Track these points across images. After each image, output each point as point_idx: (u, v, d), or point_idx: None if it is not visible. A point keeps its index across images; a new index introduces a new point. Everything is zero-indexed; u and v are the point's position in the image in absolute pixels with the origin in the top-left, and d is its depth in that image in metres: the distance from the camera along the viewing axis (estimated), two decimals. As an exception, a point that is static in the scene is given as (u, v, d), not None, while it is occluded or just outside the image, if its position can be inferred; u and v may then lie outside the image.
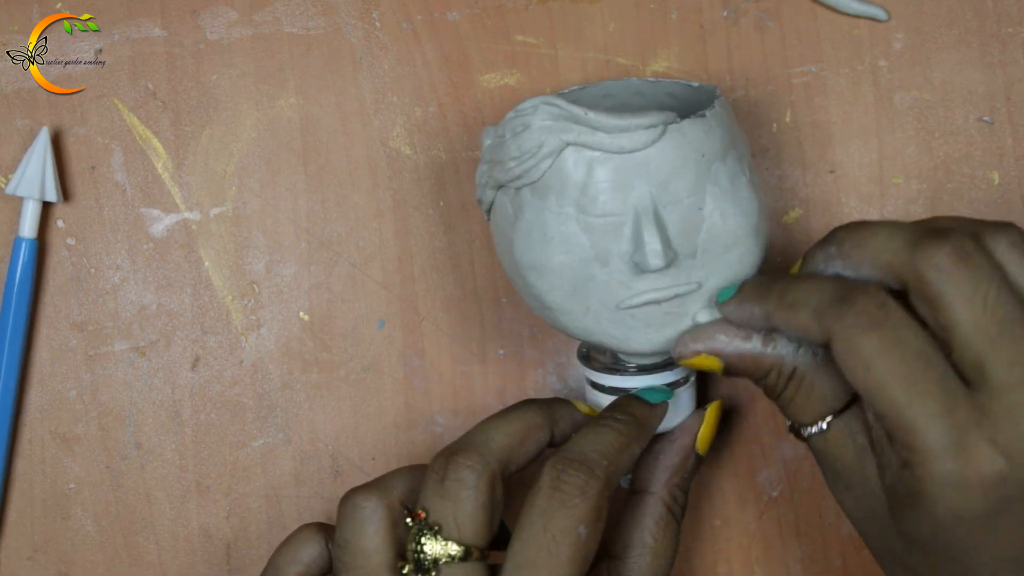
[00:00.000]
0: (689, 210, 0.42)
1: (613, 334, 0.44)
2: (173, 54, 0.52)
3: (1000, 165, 0.52)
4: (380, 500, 0.42)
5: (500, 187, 0.44)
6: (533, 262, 0.43)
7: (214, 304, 0.52)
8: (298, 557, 0.45)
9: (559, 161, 0.42)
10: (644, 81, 0.48)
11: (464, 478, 0.41)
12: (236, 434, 0.52)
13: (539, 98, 0.42)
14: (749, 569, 0.52)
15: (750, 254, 0.44)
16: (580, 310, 0.44)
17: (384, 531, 0.42)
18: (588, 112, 0.42)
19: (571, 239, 0.43)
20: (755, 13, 0.52)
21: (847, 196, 0.52)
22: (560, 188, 0.42)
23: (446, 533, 0.41)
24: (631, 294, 0.43)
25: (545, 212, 0.43)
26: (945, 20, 0.52)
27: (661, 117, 0.42)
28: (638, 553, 0.45)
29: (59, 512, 0.52)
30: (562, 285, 0.43)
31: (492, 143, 0.44)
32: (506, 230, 0.44)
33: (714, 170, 0.43)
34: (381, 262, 0.52)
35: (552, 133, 0.42)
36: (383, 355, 0.52)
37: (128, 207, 0.52)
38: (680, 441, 0.47)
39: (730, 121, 0.44)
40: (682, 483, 0.46)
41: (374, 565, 0.42)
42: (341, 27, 0.52)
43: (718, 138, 0.43)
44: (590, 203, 0.42)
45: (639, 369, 0.46)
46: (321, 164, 0.52)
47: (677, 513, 0.46)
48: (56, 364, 0.52)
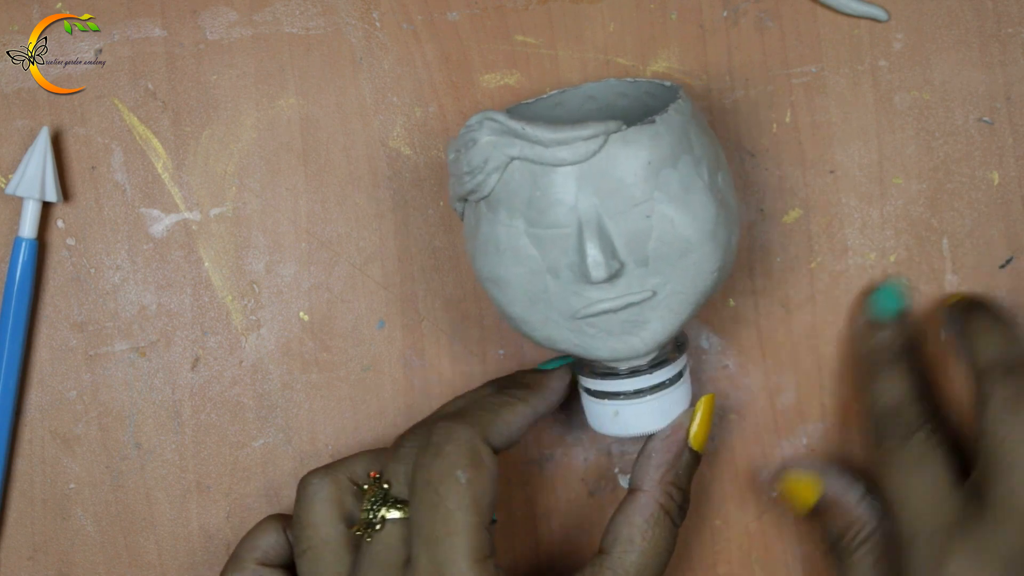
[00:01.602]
0: (636, 219, 0.42)
1: (575, 342, 0.44)
2: (173, 54, 0.52)
3: (1000, 165, 0.52)
4: (326, 477, 0.45)
5: (463, 200, 0.45)
6: (491, 274, 0.44)
7: (214, 304, 0.52)
8: (257, 544, 0.47)
9: (506, 175, 0.43)
10: (623, 82, 0.48)
11: (416, 441, 0.44)
12: (236, 434, 0.52)
13: (483, 113, 0.43)
14: (749, 569, 0.52)
15: (706, 260, 0.43)
16: (539, 320, 0.44)
17: (331, 504, 0.45)
18: (526, 127, 0.42)
19: (522, 251, 0.43)
20: (755, 13, 0.52)
21: (847, 196, 0.52)
22: (508, 202, 0.43)
23: (395, 491, 0.44)
24: (584, 304, 0.43)
25: (497, 225, 0.43)
26: (945, 20, 0.52)
27: (602, 127, 0.41)
28: (623, 549, 0.45)
29: (59, 512, 0.52)
30: (519, 297, 0.44)
31: (452, 157, 0.44)
32: (471, 241, 0.45)
33: (663, 176, 0.42)
34: (381, 262, 0.52)
35: (497, 148, 0.42)
36: (383, 355, 0.52)
37: (128, 207, 0.52)
38: (671, 438, 0.46)
39: (687, 125, 0.43)
40: (676, 480, 0.46)
41: (322, 536, 0.44)
42: (341, 27, 0.52)
43: (667, 144, 0.42)
44: (537, 216, 0.42)
45: (630, 372, 0.46)
46: (321, 164, 0.52)
47: (673, 511, 0.45)
48: (56, 364, 0.52)
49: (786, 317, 0.52)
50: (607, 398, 0.46)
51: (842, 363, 0.52)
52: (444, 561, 0.41)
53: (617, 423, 0.46)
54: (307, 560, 0.44)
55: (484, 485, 0.42)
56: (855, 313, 0.52)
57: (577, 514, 0.52)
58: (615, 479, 0.52)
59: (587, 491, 0.52)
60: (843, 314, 0.52)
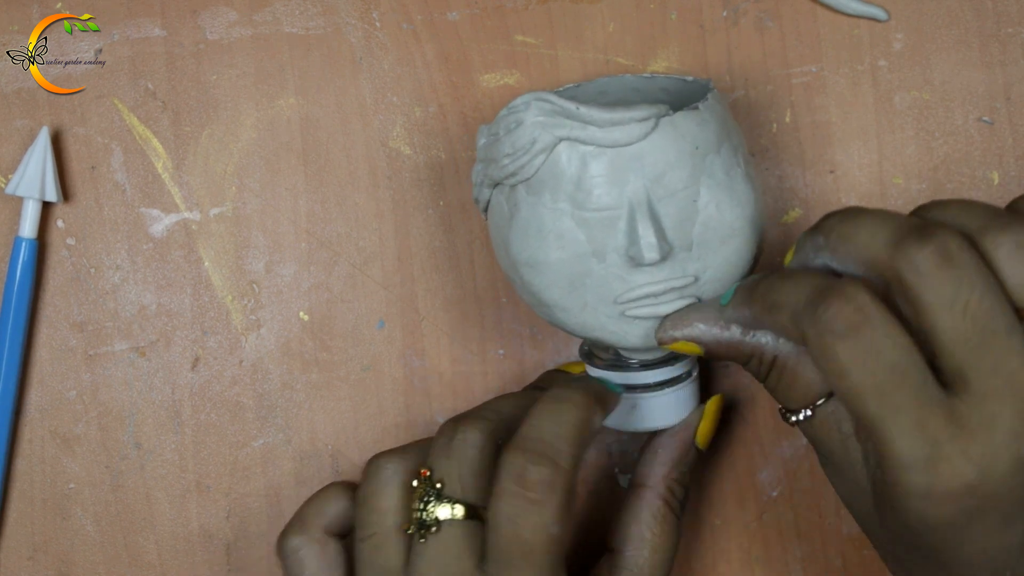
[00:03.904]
0: (684, 202, 0.42)
1: (611, 329, 0.44)
2: (173, 54, 0.52)
3: (1000, 165, 0.52)
4: (401, 463, 0.43)
5: (496, 185, 0.45)
6: (530, 259, 0.44)
7: (214, 304, 0.52)
8: (324, 510, 0.45)
9: (553, 157, 0.42)
10: (639, 77, 0.48)
11: (469, 438, 0.42)
12: (236, 434, 0.52)
13: (531, 94, 0.42)
14: (749, 569, 0.52)
15: (746, 246, 0.44)
16: (577, 305, 0.44)
17: (401, 493, 0.42)
18: (580, 107, 0.42)
19: (567, 234, 0.43)
20: (755, 13, 0.52)
21: (847, 196, 0.52)
22: (554, 184, 0.42)
23: (449, 491, 0.41)
24: (627, 288, 0.43)
25: (540, 208, 0.43)
26: (945, 20, 0.52)
27: (654, 110, 0.42)
28: (636, 547, 0.45)
29: (59, 512, 0.52)
30: (559, 281, 0.44)
31: (486, 141, 0.44)
32: (502, 228, 0.44)
33: (708, 162, 0.43)
34: (381, 262, 0.52)
35: (545, 129, 0.42)
36: (383, 355, 0.52)
37: (128, 207, 0.52)
38: (680, 435, 0.47)
39: (724, 113, 0.44)
40: (681, 477, 0.46)
41: (389, 524, 0.42)
42: (341, 27, 0.52)
43: (712, 130, 0.43)
44: (585, 198, 0.42)
45: (642, 365, 0.46)
46: (321, 164, 0.52)
47: (676, 507, 0.46)
48: (56, 364, 0.52)
49: (786, 317, 0.52)
50: (626, 390, 0.46)
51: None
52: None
53: (634, 416, 0.46)
54: (369, 546, 0.42)
55: (570, 527, 0.41)
56: None
57: (577, 514, 0.52)
58: (615, 479, 0.52)
59: (587, 491, 0.52)
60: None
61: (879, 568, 0.52)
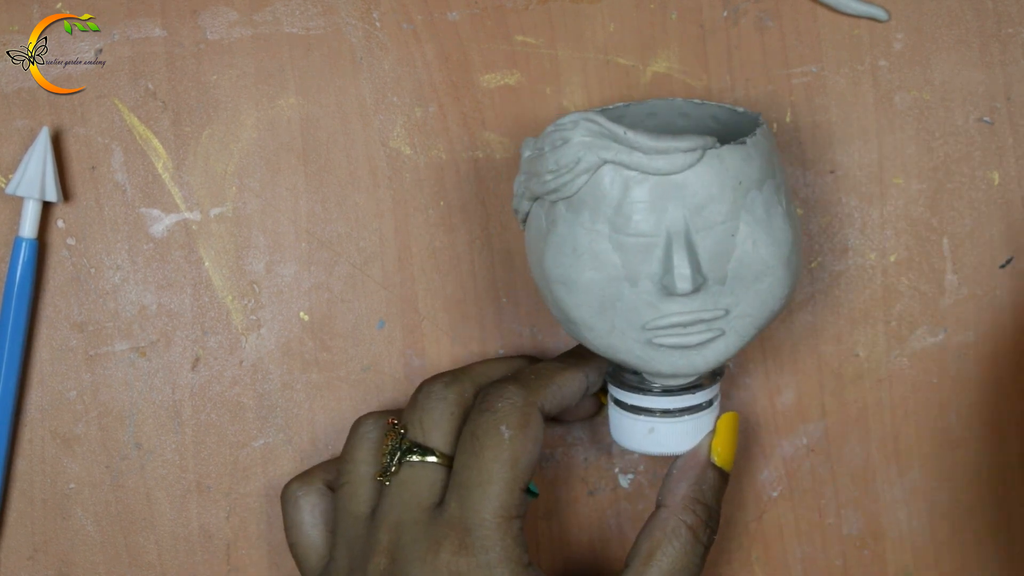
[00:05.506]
0: (722, 236, 0.42)
1: (637, 354, 0.44)
2: (173, 54, 0.52)
3: (1000, 165, 0.52)
4: (379, 421, 0.47)
5: (536, 199, 0.45)
6: (562, 276, 0.44)
7: (214, 304, 0.52)
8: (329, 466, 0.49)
9: (596, 178, 0.42)
10: (689, 102, 0.48)
11: (433, 389, 0.46)
12: (236, 434, 0.52)
13: (580, 114, 0.42)
14: (749, 569, 0.52)
15: (780, 284, 0.44)
16: (606, 327, 0.44)
17: (375, 446, 0.46)
18: (628, 132, 0.41)
19: (602, 256, 0.43)
20: (755, 13, 0.52)
21: (847, 196, 0.52)
22: (595, 205, 0.42)
23: (411, 435, 0.45)
24: (657, 315, 0.43)
25: (578, 227, 0.43)
26: (945, 20, 0.52)
27: (700, 141, 0.41)
28: (642, 563, 0.45)
29: (59, 512, 0.52)
30: (589, 301, 0.43)
31: (531, 155, 0.44)
32: (538, 242, 0.44)
33: (750, 198, 0.42)
34: (381, 262, 0.52)
35: (590, 149, 0.42)
36: (383, 355, 0.52)
37: (128, 207, 0.52)
38: (693, 455, 0.46)
39: (770, 150, 0.44)
40: (700, 497, 0.45)
41: (361, 472, 0.46)
42: (341, 27, 0.52)
43: (756, 167, 0.42)
44: (624, 222, 0.42)
45: (663, 391, 0.46)
46: (321, 164, 0.52)
47: (697, 528, 0.45)
48: (56, 364, 0.52)
49: (786, 317, 0.52)
50: (643, 414, 0.46)
51: (842, 363, 0.52)
52: (470, 509, 0.43)
53: (650, 440, 0.46)
54: (344, 493, 0.46)
55: (526, 445, 0.44)
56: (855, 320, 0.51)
57: (577, 514, 0.52)
58: (615, 479, 0.52)
59: (587, 491, 0.52)
60: (843, 314, 0.52)
61: (879, 568, 0.52)
